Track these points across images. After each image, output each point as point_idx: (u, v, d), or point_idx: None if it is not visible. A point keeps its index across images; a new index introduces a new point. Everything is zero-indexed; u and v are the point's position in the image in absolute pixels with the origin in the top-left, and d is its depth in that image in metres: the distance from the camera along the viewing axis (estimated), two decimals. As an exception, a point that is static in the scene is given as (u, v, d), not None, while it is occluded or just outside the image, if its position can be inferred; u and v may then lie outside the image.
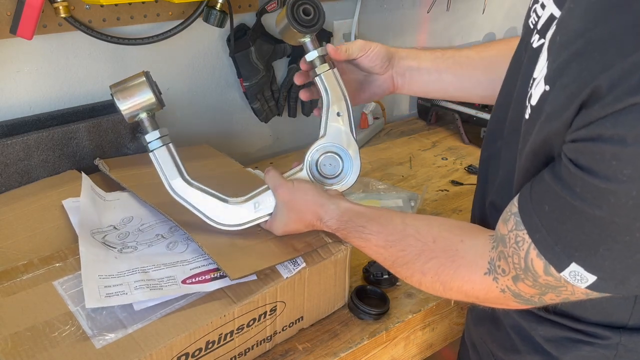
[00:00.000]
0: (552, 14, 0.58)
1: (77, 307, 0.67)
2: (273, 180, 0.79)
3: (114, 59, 1.09)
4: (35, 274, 0.72)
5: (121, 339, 0.63)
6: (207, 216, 0.77)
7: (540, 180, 0.54)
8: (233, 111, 1.31)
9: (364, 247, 0.73)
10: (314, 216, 0.76)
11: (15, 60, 0.99)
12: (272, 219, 0.79)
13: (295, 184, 0.78)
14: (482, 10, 1.65)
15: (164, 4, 1.07)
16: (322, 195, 0.77)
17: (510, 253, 0.57)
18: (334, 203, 0.76)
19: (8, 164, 0.93)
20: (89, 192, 0.86)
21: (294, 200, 0.77)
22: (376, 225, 0.71)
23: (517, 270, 0.57)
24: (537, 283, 0.56)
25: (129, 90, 0.74)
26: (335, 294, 0.85)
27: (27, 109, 1.03)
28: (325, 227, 0.76)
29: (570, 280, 0.52)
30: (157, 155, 0.76)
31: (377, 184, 1.20)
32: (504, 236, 0.58)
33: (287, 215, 0.77)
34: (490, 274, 0.61)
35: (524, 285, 0.57)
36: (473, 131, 1.47)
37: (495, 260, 0.60)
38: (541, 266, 0.54)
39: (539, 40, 0.60)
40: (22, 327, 0.64)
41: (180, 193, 0.76)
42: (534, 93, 0.55)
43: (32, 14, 0.89)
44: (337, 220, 0.74)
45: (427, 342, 0.94)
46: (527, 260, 0.55)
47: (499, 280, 0.60)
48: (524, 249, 0.55)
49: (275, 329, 0.77)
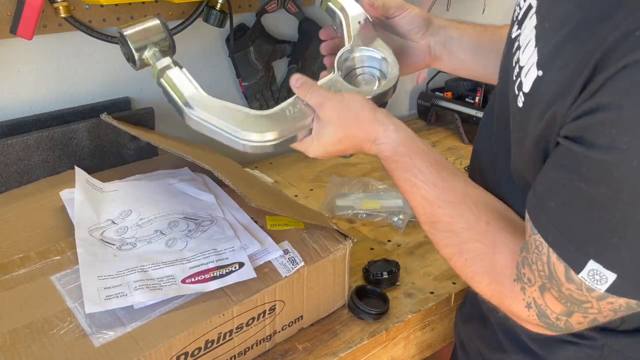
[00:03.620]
0: (529, 4, 0.58)
1: (75, 303, 0.67)
2: (316, 95, 0.66)
3: (114, 59, 1.09)
4: (32, 268, 0.72)
5: (120, 337, 0.63)
6: (230, 134, 0.65)
7: (542, 175, 0.53)
8: (233, 111, 1.31)
9: (408, 192, 0.65)
10: (368, 136, 0.66)
11: (15, 60, 0.99)
12: (312, 137, 0.67)
13: (346, 98, 0.66)
14: (482, 11, 1.65)
15: (164, 4, 1.07)
16: (380, 112, 0.66)
17: (534, 259, 0.54)
18: (394, 124, 0.65)
19: (8, 164, 0.93)
20: (84, 185, 0.85)
21: (345, 116, 0.65)
22: (434, 175, 0.63)
23: (542, 278, 0.54)
24: (562, 294, 0.52)
25: (138, 23, 0.70)
26: (335, 293, 0.85)
27: (27, 109, 1.03)
28: (376, 151, 0.66)
29: (589, 282, 0.49)
30: (170, 76, 0.68)
31: (377, 184, 1.20)
32: (527, 242, 0.56)
33: (332, 134, 0.66)
34: (519, 282, 0.57)
35: (551, 296, 0.54)
36: (473, 131, 1.47)
37: (520, 266, 0.57)
38: (562, 271, 0.51)
39: (516, 31, 0.60)
40: (20, 323, 0.64)
41: (199, 107, 0.66)
42: (525, 80, 0.54)
43: (32, 14, 0.89)
44: (392, 147, 0.65)
45: (426, 342, 0.94)
46: (550, 265, 0.52)
47: (526, 291, 0.56)
48: (545, 253, 0.52)
49: (274, 328, 0.77)
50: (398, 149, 0.64)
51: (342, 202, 1.13)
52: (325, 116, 0.66)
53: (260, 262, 0.76)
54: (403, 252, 1.02)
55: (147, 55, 0.70)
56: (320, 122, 0.66)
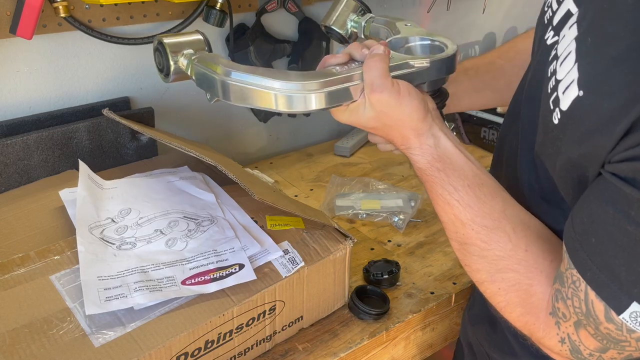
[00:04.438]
0: (568, 10, 0.55)
1: (75, 303, 0.67)
2: (376, 76, 0.60)
3: (114, 58, 1.09)
4: (31, 268, 0.72)
5: (120, 337, 0.63)
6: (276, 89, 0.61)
7: (584, 209, 0.49)
8: (232, 111, 1.31)
9: (440, 208, 0.62)
10: (403, 140, 0.63)
11: (15, 60, 0.99)
12: (350, 111, 0.63)
13: (402, 93, 0.60)
14: (482, 10, 1.65)
15: (164, 4, 1.07)
16: (423, 120, 0.61)
17: (569, 295, 0.51)
18: (434, 138, 0.61)
19: (8, 163, 0.93)
20: (86, 180, 0.85)
21: (390, 114, 0.61)
22: (470, 196, 0.59)
23: (578, 315, 0.51)
24: (599, 332, 0.50)
25: (180, 35, 0.71)
26: (335, 293, 0.84)
27: (26, 108, 1.03)
28: (409, 156, 0.63)
29: (630, 324, 0.47)
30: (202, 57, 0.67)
31: (377, 184, 1.20)
32: (562, 274, 0.52)
33: (370, 121, 0.62)
34: (554, 316, 0.54)
35: (586, 333, 0.51)
36: (473, 131, 1.47)
37: (553, 299, 0.54)
38: (602, 310, 0.48)
39: (553, 37, 0.57)
40: (20, 323, 0.64)
41: (239, 70, 0.63)
42: (563, 97, 0.51)
43: (32, 14, 0.89)
44: (427, 162, 0.61)
45: (427, 342, 0.94)
46: (588, 303, 0.49)
47: (561, 326, 0.53)
48: (582, 290, 0.49)
49: (274, 328, 0.77)
50: (434, 164, 0.61)
51: (342, 202, 1.13)
52: (373, 103, 0.61)
53: (260, 262, 0.75)
54: (403, 252, 1.02)
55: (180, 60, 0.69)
56: (366, 103, 0.62)
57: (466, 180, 0.60)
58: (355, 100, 0.62)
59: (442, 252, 1.01)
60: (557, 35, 0.57)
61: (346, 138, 1.42)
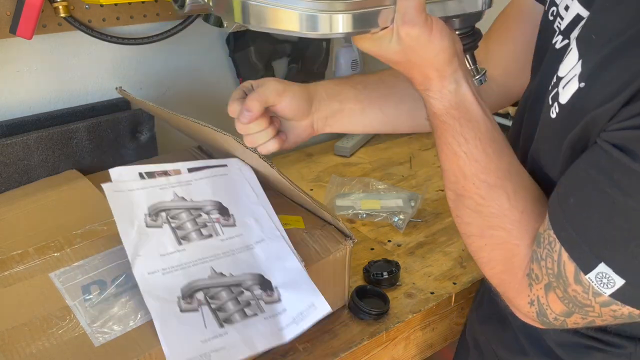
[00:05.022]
0: (578, 14, 0.56)
1: (75, 301, 0.67)
2: (411, 7, 0.54)
3: (114, 58, 1.09)
4: (30, 265, 0.72)
5: (120, 336, 0.63)
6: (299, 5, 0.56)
7: (571, 170, 0.51)
8: (233, 111, 1.31)
9: (445, 156, 0.60)
10: (423, 80, 0.59)
11: (15, 60, 0.99)
12: (374, 40, 0.58)
13: (434, 31, 0.56)
14: (482, 11, 1.65)
15: (164, 4, 1.07)
16: (449, 63, 0.58)
17: (544, 255, 0.53)
18: (457, 84, 0.58)
19: (8, 163, 0.93)
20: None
21: (417, 51, 0.57)
22: (479, 150, 0.57)
23: (549, 276, 0.52)
24: (567, 295, 0.52)
25: None
26: (335, 293, 0.84)
27: (26, 108, 1.03)
28: (425, 98, 0.60)
29: (596, 285, 0.48)
30: None
31: (377, 184, 1.20)
32: (540, 235, 0.54)
33: (394, 55, 0.58)
34: (529, 277, 0.55)
35: (554, 296, 0.53)
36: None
37: (529, 261, 0.56)
38: (572, 271, 0.50)
39: (562, 41, 0.58)
40: (19, 321, 0.64)
41: None
42: (563, 92, 0.52)
43: (32, 14, 0.89)
44: (444, 107, 0.58)
45: (427, 342, 0.94)
46: (560, 264, 0.51)
47: (533, 288, 0.55)
48: (557, 251, 0.51)
49: (274, 328, 0.77)
50: (450, 110, 0.58)
51: (342, 202, 1.13)
52: (402, 35, 0.56)
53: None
54: (403, 252, 1.01)
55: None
56: (391, 32, 0.56)
57: (478, 134, 0.58)
58: (386, 27, 0.56)
59: (442, 252, 1.01)
60: (567, 39, 0.57)
61: (346, 138, 1.42)
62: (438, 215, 1.13)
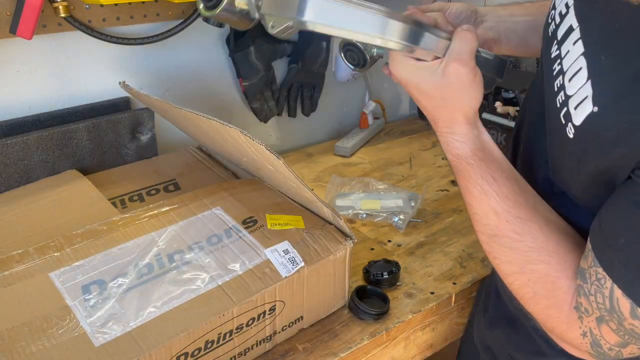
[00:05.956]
0: (570, 26, 0.56)
1: (75, 301, 0.67)
2: (466, 50, 0.58)
3: (114, 58, 1.09)
4: (30, 264, 0.72)
5: (120, 337, 0.63)
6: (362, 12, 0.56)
7: (612, 210, 0.51)
8: (233, 111, 1.31)
9: (475, 199, 0.61)
10: (450, 123, 0.61)
11: (15, 60, 0.99)
12: (417, 67, 0.60)
13: (477, 78, 0.59)
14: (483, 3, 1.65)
15: (164, 4, 1.07)
16: (475, 112, 0.61)
17: (592, 291, 0.52)
18: (479, 130, 0.61)
19: (8, 164, 0.93)
20: None
21: (456, 90, 0.59)
22: (508, 187, 0.59)
23: (601, 311, 0.52)
24: (622, 327, 0.51)
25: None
26: (335, 293, 0.84)
27: (26, 109, 1.03)
28: (448, 140, 0.62)
29: None
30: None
31: (377, 184, 1.20)
32: (584, 270, 0.54)
33: (431, 88, 0.60)
34: (577, 310, 0.55)
35: (608, 329, 0.52)
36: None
37: (575, 294, 0.55)
38: (627, 307, 0.49)
39: (556, 50, 0.59)
40: (19, 321, 0.64)
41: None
42: (576, 113, 0.52)
43: (32, 14, 0.89)
44: (470, 149, 0.60)
45: (427, 342, 0.94)
46: (613, 300, 0.50)
47: (584, 320, 0.54)
48: (608, 287, 0.51)
49: (274, 328, 0.77)
50: (477, 152, 0.61)
51: (342, 202, 1.13)
52: (446, 72, 0.58)
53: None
54: (403, 252, 1.01)
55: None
56: (439, 64, 0.59)
57: (504, 172, 0.60)
58: (434, 53, 0.59)
59: (442, 252, 1.01)
60: (560, 50, 0.57)
61: (346, 138, 1.42)
62: (438, 215, 1.13)
